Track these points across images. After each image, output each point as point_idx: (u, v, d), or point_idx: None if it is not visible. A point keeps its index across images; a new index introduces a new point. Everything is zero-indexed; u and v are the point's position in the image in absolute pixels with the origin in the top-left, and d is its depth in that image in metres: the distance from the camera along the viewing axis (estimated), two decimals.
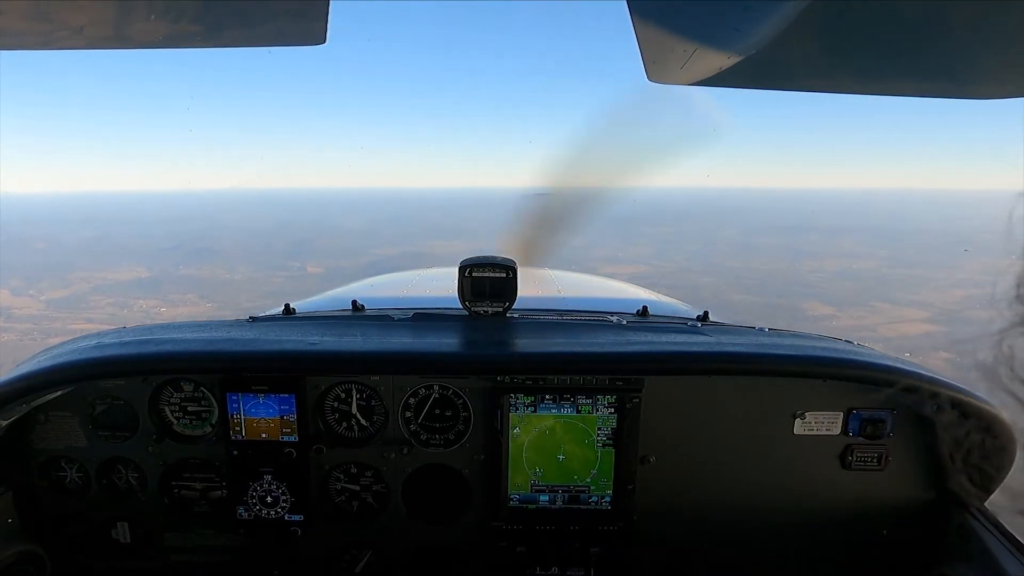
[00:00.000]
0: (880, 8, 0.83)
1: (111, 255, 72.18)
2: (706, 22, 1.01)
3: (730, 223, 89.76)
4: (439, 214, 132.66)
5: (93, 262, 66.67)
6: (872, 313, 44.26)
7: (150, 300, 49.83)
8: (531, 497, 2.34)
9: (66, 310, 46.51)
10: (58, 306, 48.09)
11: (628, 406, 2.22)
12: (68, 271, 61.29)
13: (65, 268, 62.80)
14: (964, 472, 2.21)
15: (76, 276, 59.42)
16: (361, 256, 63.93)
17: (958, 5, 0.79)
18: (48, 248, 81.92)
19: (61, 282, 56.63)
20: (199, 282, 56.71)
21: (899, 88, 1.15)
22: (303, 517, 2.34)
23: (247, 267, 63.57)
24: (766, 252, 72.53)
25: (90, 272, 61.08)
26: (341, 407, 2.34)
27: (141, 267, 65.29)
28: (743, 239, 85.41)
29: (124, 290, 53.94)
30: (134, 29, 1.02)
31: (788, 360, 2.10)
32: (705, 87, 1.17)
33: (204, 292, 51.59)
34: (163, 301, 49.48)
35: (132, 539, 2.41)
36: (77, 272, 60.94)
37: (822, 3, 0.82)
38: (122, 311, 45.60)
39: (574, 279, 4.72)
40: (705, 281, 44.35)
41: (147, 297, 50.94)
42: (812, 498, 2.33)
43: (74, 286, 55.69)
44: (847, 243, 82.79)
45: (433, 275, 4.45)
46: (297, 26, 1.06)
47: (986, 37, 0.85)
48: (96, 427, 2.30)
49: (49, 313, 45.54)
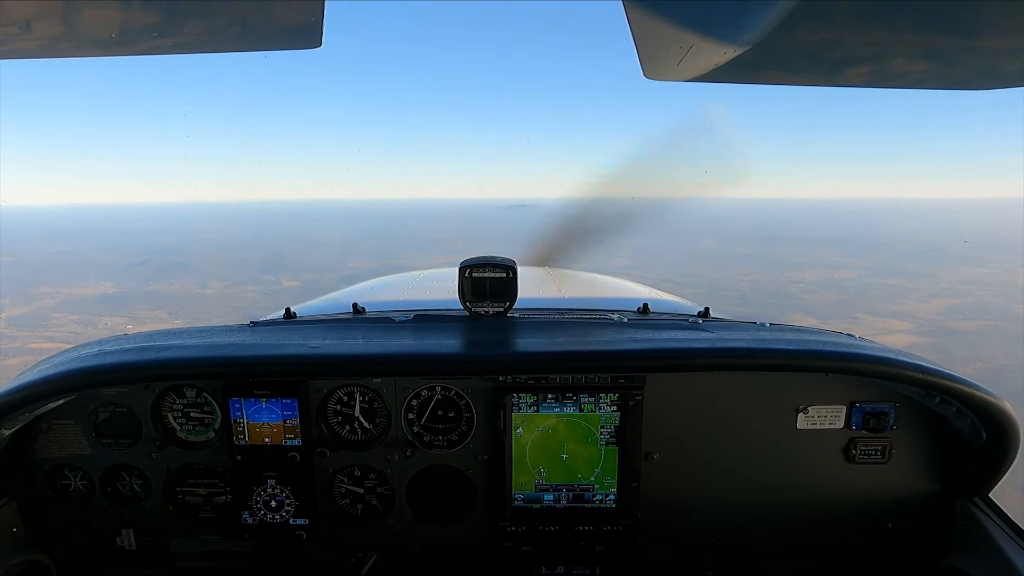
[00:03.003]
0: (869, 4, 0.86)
1: (78, 270, 70.30)
2: (701, 19, 1.03)
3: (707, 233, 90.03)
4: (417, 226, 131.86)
5: (59, 277, 64.77)
6: (855, 325, 44.01)
7: (116, 317, 48.11)
8: (535, 496, 2.33)
9: (27, 328, 44.65)
10: (18, 324, 46.22)
11: (631, 404, 2.21)
12: (32, 286, 59.18)
13: (29, 283, 60.68)
14: (968, 463, 2.18)
15: (40, 292, 57.47)
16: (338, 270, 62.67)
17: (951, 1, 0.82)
18: (13, 262, 79.45)
19: (24, 298, 54.69)
20: (169, 297, 55.34)
21: (891, 80, 1.17)
22: (308, 521, 2.32)
23: (219, 282, 62.07)
24: (746, 263, 72.86)
25: (55, 287, 59.27)
26: (344, 410, 2.33)
27: (109, 282, 63.49)
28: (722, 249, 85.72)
29: (90, 307, 52.22)
30: (127, 36, 1.03)
31: (790, 355, 2.08)
32: (700, 83, 1.20)
33: (174, 308, 50.20)
34: (130, 318, 47.86)
35: (137, 546, 2.40)
36: (42, 287, 58.93)
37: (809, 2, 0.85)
38: (86, 329, 43.80)
39: (574, 277, 4.72)
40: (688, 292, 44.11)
41: (113, 314, 49.18)
42: (816, 492, 2.32)
43: (38, 302, 53.82)
44: (826, 253, 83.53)
45: (433, 276, 4.43)
46: (293, 30, 1.07)
47: (976, 30, 0.89)
48: (99, 435, 2.29)
49: (8, 332, 43.66)
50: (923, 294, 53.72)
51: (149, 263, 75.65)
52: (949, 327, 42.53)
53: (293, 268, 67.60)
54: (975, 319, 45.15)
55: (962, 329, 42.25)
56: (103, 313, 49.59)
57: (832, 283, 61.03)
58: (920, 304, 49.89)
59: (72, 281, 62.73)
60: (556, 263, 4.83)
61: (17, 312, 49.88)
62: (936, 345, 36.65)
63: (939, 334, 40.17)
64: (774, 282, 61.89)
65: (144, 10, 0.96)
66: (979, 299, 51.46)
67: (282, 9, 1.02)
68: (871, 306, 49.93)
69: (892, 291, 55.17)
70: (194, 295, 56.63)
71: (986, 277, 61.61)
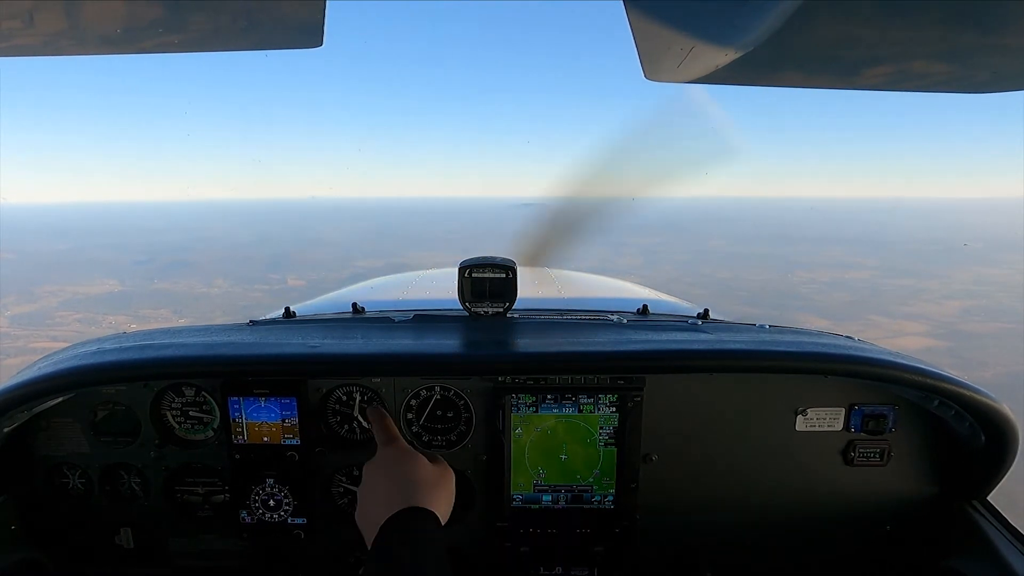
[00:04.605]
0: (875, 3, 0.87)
1: (83, 268, 70.42)
2: (703, 19, 1.03)
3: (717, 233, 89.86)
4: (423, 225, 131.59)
5: (64, 275, 64.80)
6: (869, 327, 43.42)
7: (120, 316, 47.95)
8: (534, 497, 2.34)
9: (30, 327, 44.48)
10: (21, 323, 46.04)
11: (630, 405, 2.23)
12: (36, 285, 59.06)
13: (33, 281, 60.58)
14: (967, 466, 2.18)
15: (44, 290, 57.45)
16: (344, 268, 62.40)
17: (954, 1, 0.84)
18: (17, 260, 79.43)
19: (28, 297, 54.65)
20: (174, 296, 55.26)
21: (896, 84, 1.16)
22: (306, 520, 2.31)
23: (225, 280, 61.96)
24: (756, 262, 72.43)
25: (60, 286, 59.25)
26: (343, 410, 2.33)
27: (113, 280, 63.38)
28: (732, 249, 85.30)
29: (93, 305, 52.14)
30: (127, 34, 1.05)
31: (789, 356, 2.07)
32: (702, 84, 1.20)
33: (178, 307, 50.13)
34: (134, 317, 47.71)
35: (135, 545, 2.40)
36: (46, 286, 58.92)
37: (814, 3, 0.86)
38: (89, 328, 43.58)
39: (574, 278, 4.69)
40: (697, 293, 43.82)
41: (117, 312, 49.04)
42: (814, 494, 2.33)
43: (41, 301, 53.78)
44: (837, 252, 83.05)
45: (432, 276, 4.40)
46: (294, 29, 1.08)
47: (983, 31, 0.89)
48: (98, 433, 2.30)
49: (11, 331, 43.42)
50: (936, 295, 53.05)
51: (154, 261, 75.86)
52: (965, 330, 41.83)
53: (299, 267, 67.49)
54: (991, 321, 44.48)
55: (978, 332, 41.53)
56: (107, 312, 49.43)
57: (844, 284, 60.44)
58: (934, 305, 49.21)
59: (76, 279, 62.64)
60: (543, 262, 4.80)
61: (20, 311, 49.82)
62: (952, 349, 35.94)
63: (955, 337, 39.45)
64: (785, 282, 61.35)
65: (147, 7, 0.96)
66: (994, 301, 50.76)
67: (284, 8, 1.01)
68: (884, 307, 49.25)
69: (904, 292, 54.58)
70: (199, 294, 56.54)
71: (1000, 278, 60.92)
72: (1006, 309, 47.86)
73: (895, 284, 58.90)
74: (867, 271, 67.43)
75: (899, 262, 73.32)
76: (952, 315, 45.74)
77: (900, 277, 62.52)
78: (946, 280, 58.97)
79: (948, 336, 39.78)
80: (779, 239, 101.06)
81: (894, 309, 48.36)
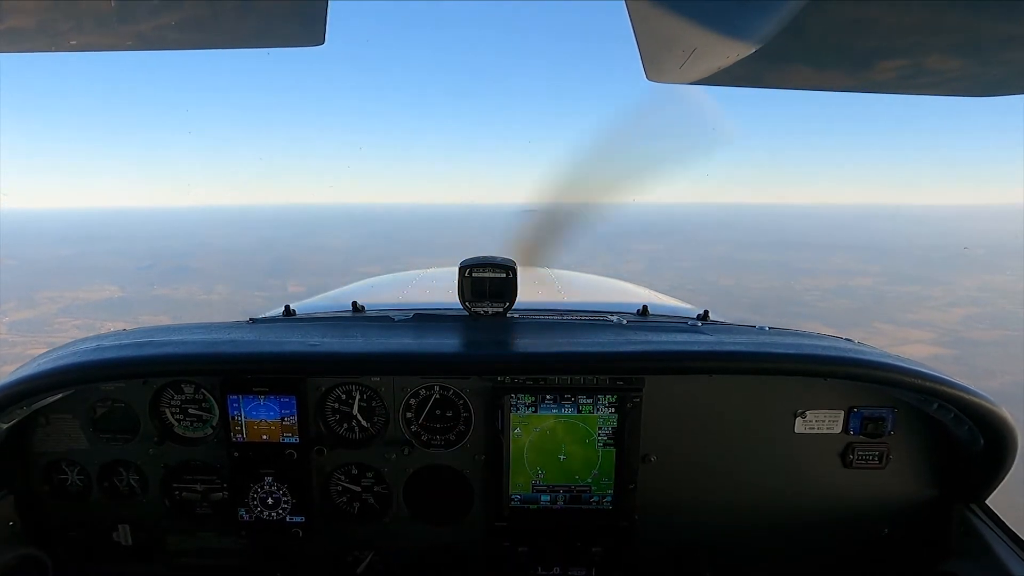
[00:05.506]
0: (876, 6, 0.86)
1: (83, 273, 69.90)
2: (705, 21, 1.02)
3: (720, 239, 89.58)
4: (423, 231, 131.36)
5: (64, 281, 64.33)
6: (875, 335, 42.87)
7: (119, 322, 47.37)
8: (533, 497, 2.32)
9: (28, 333, 44.07)
10: (20, 329, 45.66)
11: (629, 405, 2.20)
12: (37, 290, 58.70)
13: (34, 287, 60.24)
14: (965, 469, 2.17)
15: (44, 296, 56.97)
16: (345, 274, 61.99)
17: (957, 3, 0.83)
18: (16, 266, 79.15)
19: (27, 302, 54.19)
20: (174, 302, 54.87)
21: (906, 82, 1.16)
22: (305, 519, 2.31)
23: (225, 286, 61.45)
24: (759, 269, 71.80)
25: (60, 291, 58.82)
26: (342, 408, 2.32)
27: (114, 286, 62.93)
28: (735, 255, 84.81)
29: (93, 311, 51.69)
30: (129, 32, 1.05)
31: (788, 359, 2.06)
32: (704, 86, 1.19)
33: (178, 313, 49.77)
34: (133, 323, 46.79)
35: (134, 542, 2.39)
36: (46, 291, 58.46)
37: (819, 2, 0.85)
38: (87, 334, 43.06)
39: (574, 279, 4.68)
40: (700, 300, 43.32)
41: (116, 319, 48.53)
42: (813, 496, 2.31)
43: (41, 307, 53.29)
44: (840, 259, 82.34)
45: (433, 276, 4.39)
46: (296, 27, 1.08)
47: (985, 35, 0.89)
48: (97, 430, 2.29)
49: (9, 337, 43.09)
50: (941, 302, 52.46)
51: (155, 267, 75.38)
52: (970, 337, 41.30)
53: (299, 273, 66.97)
54: (997, 328, 43.97)
55: (984, 339, 41.05)
56: (106, 318, 48.94)
57: (848, 291, 59.87)
58: (939, 312, 48.65)
59: (76, 285, 62.28)
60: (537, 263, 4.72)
61: (19, 316, 49.44)
62: (959, 357, 35.37)
63: (961, 345, 38.91)
64: (788, 289, 60.77)
65: (149, 3, 0.96)
66: (999, 308, 50.19)
67: (286, 5, 1.02)
68: (890, 314, 48.73)
69: (909, 299, 54.01)
70: (199, 300, 56.11)
71: (1004, 285, 60.32)
72: (1009, 315, 47.39)
73: (900, 291, 58.33)
74: (871, 278, 66.83)
75: (903, 269, 72.77)
76: (957, 322, 45.27)
77: (904, 284, 61.97)
78: (950, 287, 58.48)
79: (954, 344, 39.26)
80: (782, 245, 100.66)
81: (899, 316, 47.83)
